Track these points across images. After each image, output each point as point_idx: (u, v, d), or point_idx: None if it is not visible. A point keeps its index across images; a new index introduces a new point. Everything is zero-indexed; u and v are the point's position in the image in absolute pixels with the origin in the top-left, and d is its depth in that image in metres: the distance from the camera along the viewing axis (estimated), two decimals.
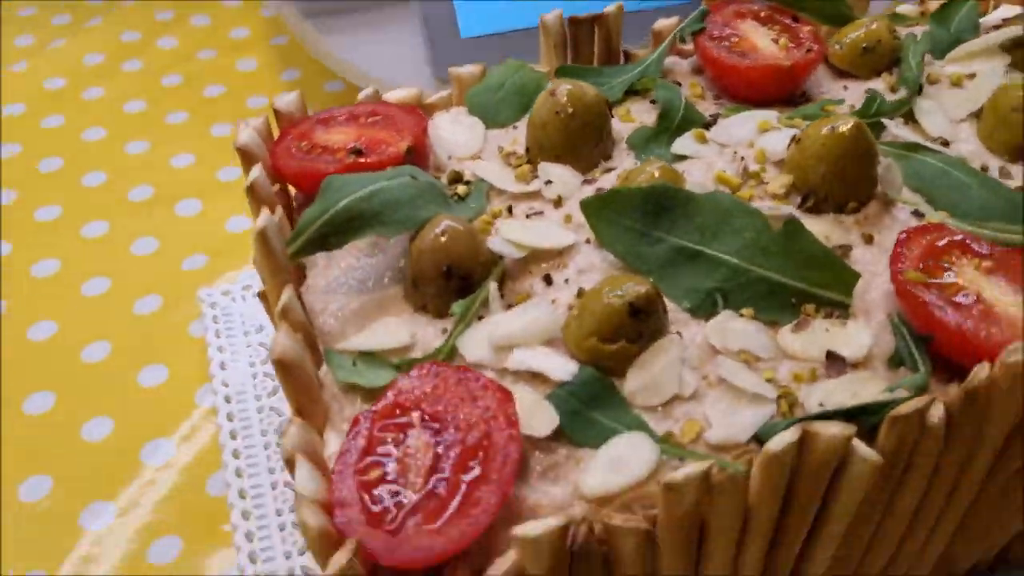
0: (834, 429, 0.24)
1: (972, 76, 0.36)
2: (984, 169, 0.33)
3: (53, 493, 0.39)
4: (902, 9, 0.42)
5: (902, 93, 0.36)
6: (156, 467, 0.40)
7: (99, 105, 0.59)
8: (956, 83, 0.36)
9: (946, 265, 0.28)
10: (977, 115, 0.35)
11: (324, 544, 0.22)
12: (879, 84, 0.37)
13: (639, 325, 0.27)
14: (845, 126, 0.30)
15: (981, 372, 0.25)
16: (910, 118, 0.35)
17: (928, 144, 0.33)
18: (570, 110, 0.33)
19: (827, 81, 0.38)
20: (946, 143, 0.34)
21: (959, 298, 0.27)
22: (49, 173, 0.54)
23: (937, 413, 0.25)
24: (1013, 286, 0.27)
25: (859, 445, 0.25)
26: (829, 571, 0.29)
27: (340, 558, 0.22)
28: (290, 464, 0.24)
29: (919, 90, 0.37)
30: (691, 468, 0.23)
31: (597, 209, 0.30)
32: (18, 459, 0.40)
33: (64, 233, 0.50)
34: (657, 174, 0.31)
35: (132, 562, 0.37)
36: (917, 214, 0.31)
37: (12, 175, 0.54)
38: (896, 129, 0.34)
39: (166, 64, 0.63)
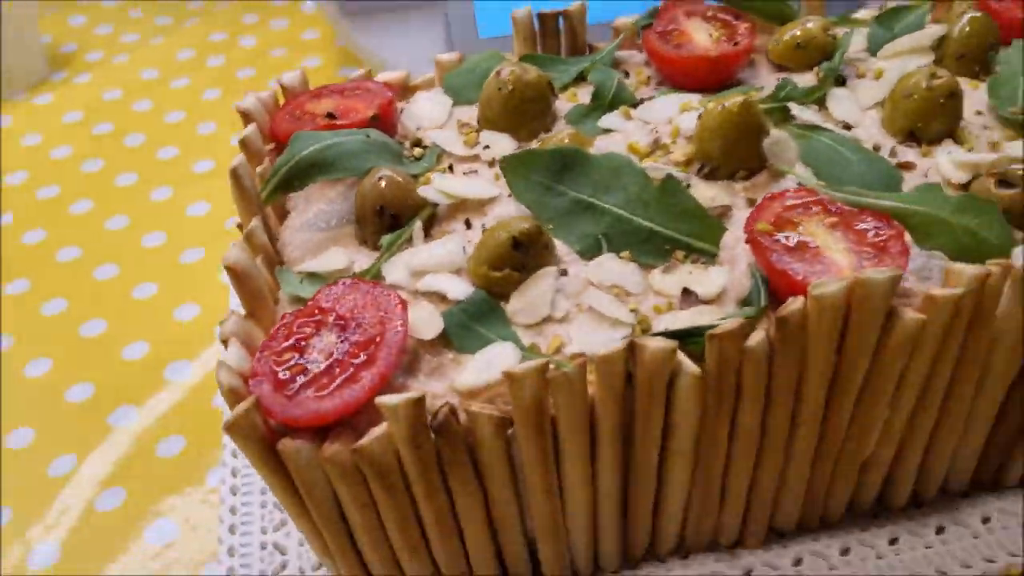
0: (658, 343, 0.28)
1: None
2: (876, 148, 0.37)
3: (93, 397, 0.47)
4: (858, 14, 0.46)
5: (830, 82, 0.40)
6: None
7: (184, 93, 0.69)
8: (877, 76, 0.40)
9: (796, 221, 0.32)
10: (883, 103, 0.39)
11: (233, 400, 0.29)
12: (809, 76, 0.41)
13: (522, 257, 0.32)
14: (734, 103, 0.35)
15: (794, 303, 0.29)
16: (824, 104, 0.39)
17: (827, 126, 0.37)
18: (511, 88, 0.38)
19: (765, 73, 0.42)
20: (848, 127, 0.38)
21: (793, 244, 0.31)
22: (134, 147, 0.64)
23: (756, 337, 0.29)
24: (847, 236, 0.31)
25: (683, 359, 0.29)
26: (694, 490, 0.34)
27: (241, 407, 0.28)
28: (225, 344, 0.31)
29: (842, 82, 0.41)
30: (529, 363, 0.28)
31: (513, 166, 0.35)
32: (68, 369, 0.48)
33: (172, 211, 0.59)
34: (567, 140, 0.36)
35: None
36: (801, 185, 0.35)
37: (102, 149, 0.64)
38: (802, 113, 0.38)
39: (244, 59, 0.72)
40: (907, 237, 0.31)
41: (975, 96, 0.39)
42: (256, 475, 0.34)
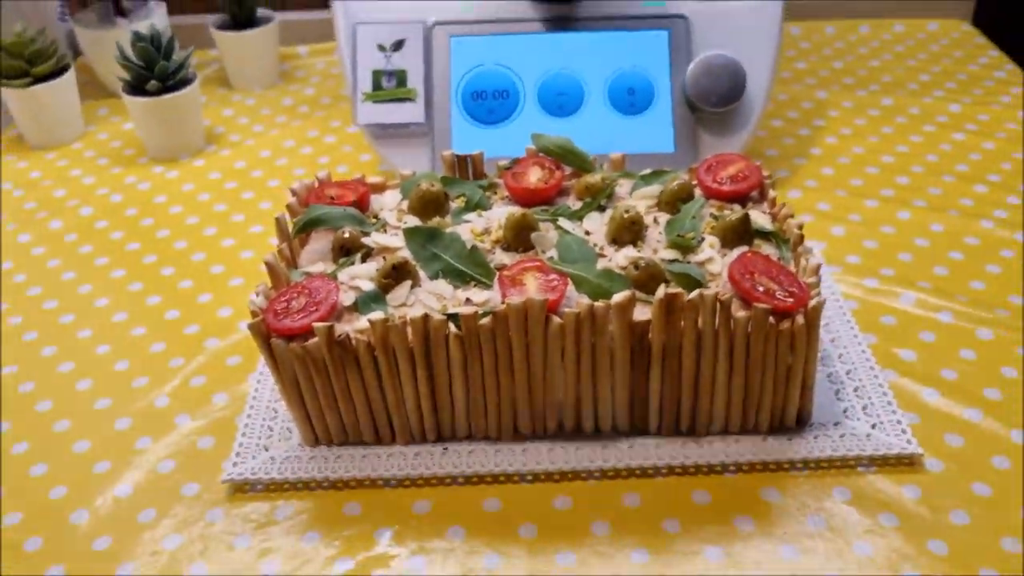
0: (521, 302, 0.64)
1: None
2: (595, 246, 0.71)
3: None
4: (643, 172, 0.80)
5: (593, 208, 0.74)
6: None
7: (282, 168, 1.08)
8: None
9: (523, 272, 0.66)
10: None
11: (254, 317, 0.65)
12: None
13: (397, 274, 0.67)
14: (517, 212, 0.70)
15: (512, 303, 0.64)
16: (582, 219, 0.74)
17: (575, 232, 0.72)
18: (421, 191, 0.74)
19: (571, 200, 0.77)
20: (588, 233, 0.72)
21: (514, 280, 0.65)
22: (246, 199, 1.03)
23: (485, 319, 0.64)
24: (540, 280, 0.65)
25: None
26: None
27: (257, 319, 0.64)
28: (257, 296, 0.68)
29: (603, 208, 0.75)
30: (380, 315, 0.64)
31: (408, 233, 0.70)
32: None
33: (258, 238, 0.98)
34: (438, 223, 0.72)
35: None
36: (539, 258, 0.69)
37: (228, 197, 1.03)
38: (566, 223, 0.72)
39: (322, 151, 1.11)
40: (570, 285, 0.65)
41: (663, 225, 0.72)
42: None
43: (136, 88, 1.04)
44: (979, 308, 0.80)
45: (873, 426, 0.69)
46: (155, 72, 1.03)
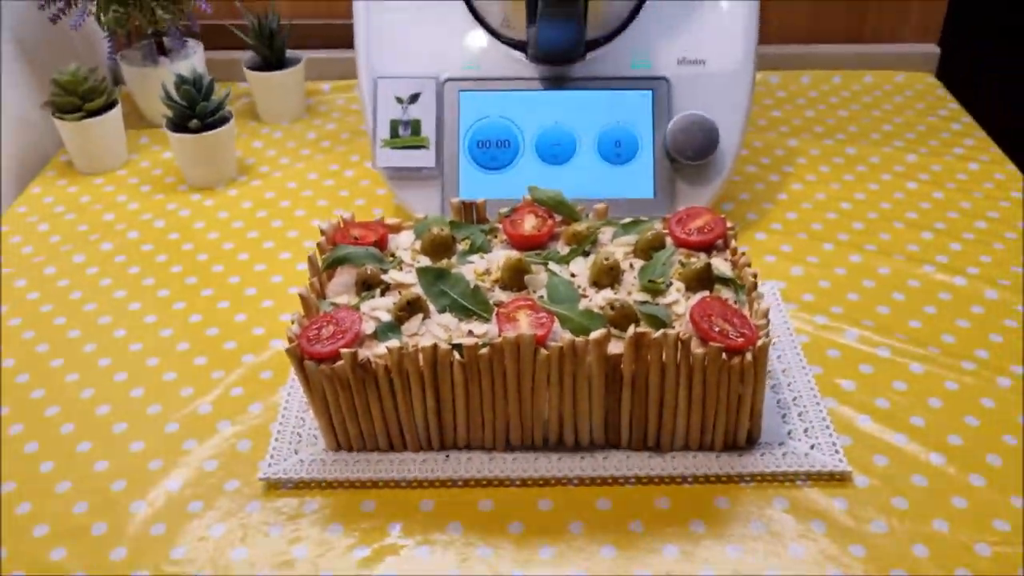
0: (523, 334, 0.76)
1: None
2: (579, 287, 0.83)
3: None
4: (625, 220, 0.93)
5: (579, 253, 0.87)
6: None
7: (308, 199, 1.21)
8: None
9: (517, 309, 0.79)
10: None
11: (290, 342, 0.78)
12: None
13: (411, 308, 0.80)
14: (513, 257, 0.82)
15: (507, 336, 0.76)
16: (570, 263, 0.86)
17: (563, 274, 0.84)
18: (432, 235, 0.87)
19: (561, 245, 0.89)
20: (573, 275, 0.84)
21: (508, 317, 0.78)
22: (275, 227, 1.16)
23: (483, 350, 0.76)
24: (531, 318, 0.78)
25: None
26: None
27: (292, 344, 0.77)
28: (292, 323, 0.80)
29: (587, 253, 0.87)
30: (395, 344, 0.76)
31: (421, 272, 0.83)
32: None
33: (284, 266, 1.11)
34: (445, 264, 0.84)
35: None
36: (529, 297, 0.82)
37: (258, 224, 1.16)
38: (555, 267, 0.85)
39: (344, 184, 1.23)
40: (556, 322, 0.78)
41: (637, 270, 0.85)
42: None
43: (178, 125, 1.17)
44: (914, 345, 0.93)
45: (812, 447, 0.81)
46: (196, 111, 1.15)
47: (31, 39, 1.29)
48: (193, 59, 1.29)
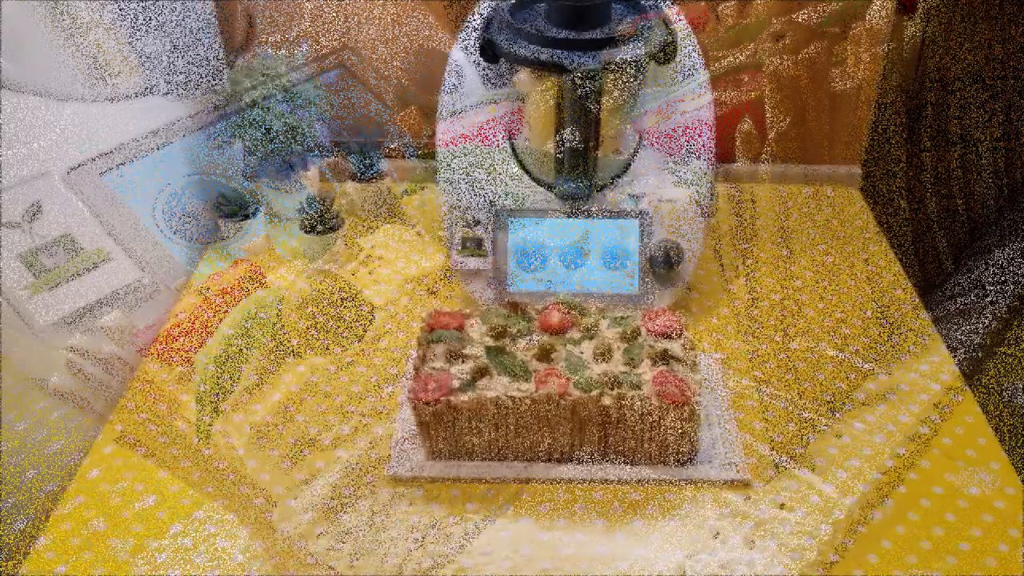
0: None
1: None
2: (586, 361, 1.33)
3: None
4: (614, 316, 1.43)
5: (586, 338, 1.37)
6: None
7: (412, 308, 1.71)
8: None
9: (547, 377, 1.29)
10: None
11: (412, 392, 1.28)
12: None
13: (482, 374, 1.30)
14: (546, 341, 1.32)
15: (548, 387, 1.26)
16: (579, 344, 1.36)
17: (574, 351, 1.34)
18: (493, 323, 1.37)
19: (575, 332, 1.40)
20: (582, 353, 1.35)
21: (543, 382, 1.28)
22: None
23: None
24: (556, 381, 1.28)
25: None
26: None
27: (411, 393, 1.27)
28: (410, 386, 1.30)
29: (590, 338, 1.37)
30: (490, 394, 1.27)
31: (488, 350, 1.34)
32: None
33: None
34: (503, 344, 1.35)
35: None
36: (552, 367, 1.32)
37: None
38: (569, 347, 1.35)
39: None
40: (571, 384, 1.28)
41: (622, 350, 1.35)
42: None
43: (307, 230, 1.69)
44: (822, 401, 1.43)
45: (729, 463, 1.31)
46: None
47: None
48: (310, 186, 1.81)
